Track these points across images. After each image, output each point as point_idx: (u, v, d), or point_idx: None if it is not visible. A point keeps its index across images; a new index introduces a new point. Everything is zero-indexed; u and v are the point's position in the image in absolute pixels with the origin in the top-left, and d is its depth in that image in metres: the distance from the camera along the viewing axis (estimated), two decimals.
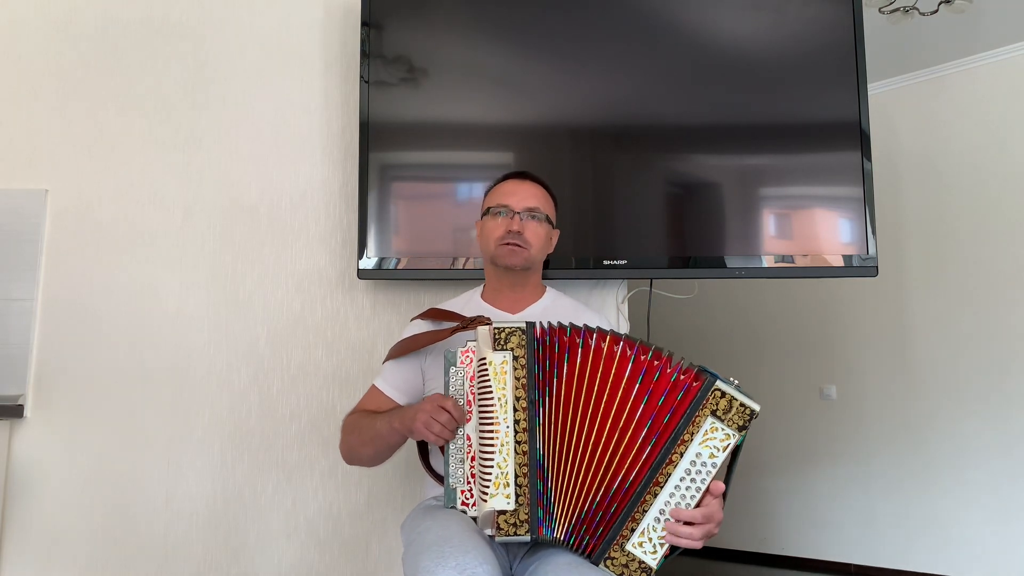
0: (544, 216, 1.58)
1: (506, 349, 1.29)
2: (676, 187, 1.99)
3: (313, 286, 2.09)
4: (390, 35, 2.02)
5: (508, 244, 1.53)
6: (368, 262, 1.95)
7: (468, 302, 1.64)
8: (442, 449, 1.48)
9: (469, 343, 1.36)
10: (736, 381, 1.27)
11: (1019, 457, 3.67)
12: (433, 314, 1.58)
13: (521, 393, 1.27)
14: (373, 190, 1.97)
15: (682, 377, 1.27)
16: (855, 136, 1.96)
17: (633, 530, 1.23)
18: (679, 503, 1.24)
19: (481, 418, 1.28)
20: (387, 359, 1.59)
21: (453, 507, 1.31)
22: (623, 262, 1.92)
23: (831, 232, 1.95)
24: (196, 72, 2.18)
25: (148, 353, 2.07)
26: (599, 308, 2.05)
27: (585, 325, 1.33)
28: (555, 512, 1.26)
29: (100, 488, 2.02)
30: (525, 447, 1.25)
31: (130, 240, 2.11)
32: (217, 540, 2.00)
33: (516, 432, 1.26)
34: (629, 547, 1.23)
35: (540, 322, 1.34)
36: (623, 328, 2.04)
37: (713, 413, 1.24)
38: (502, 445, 1.25)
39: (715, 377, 1.26)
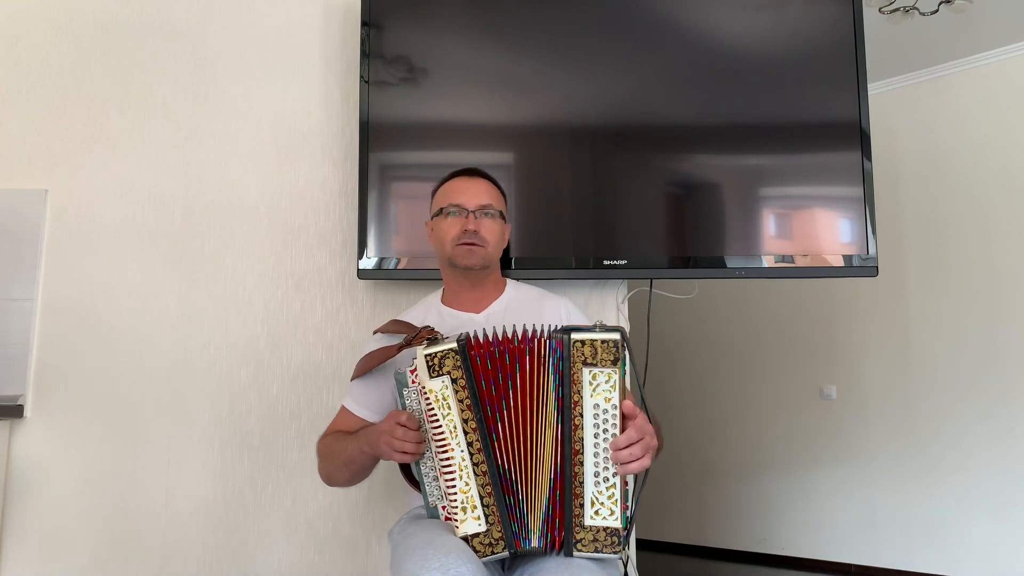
0: (497, 212, 1.55)
1: (442, 374, 1.25)
2: (676, 187, 1.99)
3: (313, 286, 2.09)
4: (390, 35, 2.02)
5: (464, 244, 1.49)
6: (368, 262, 1.95)
7: (429, 308, 1.59)
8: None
9: (415, 361, 1.30)
10: (598, 323, 1.26)
11: (1019, 457, 3.66)
12: (391, 327, 1.53)
13: (468, 415, 1.25)
14: (373, 190, 1.97)
15: (555, 348, 1.25)
16: (855, 136, 1.96)
17: (581, 505, 1.22)
18: (606, 455, 1.22)
19: (436, 447, 1.26)
20: (353, 377, 1.53)
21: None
22: (623, 262, 1.91)
23: (831, 232, 1.95)
24: (196, 72, 2.18)
25: (148, 353, 2.07)
26: (599, 308, 2.05)
27: (534, 328, 1.28)
28: (528, 522, 1.26)
29: (100, 488, 2.02)
30: (484, 467, 1.24)
31: (130, 240, 2.11)
32: (217, 540, 2.00)
33: (472, 454, 1.24)
34: (587, 522, 1.21)
35: (477, 333, 1.29)
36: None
37: (584, 363, 1.22)
38: (461, 471, 1.24)
39: (568, 330, 1.24)
